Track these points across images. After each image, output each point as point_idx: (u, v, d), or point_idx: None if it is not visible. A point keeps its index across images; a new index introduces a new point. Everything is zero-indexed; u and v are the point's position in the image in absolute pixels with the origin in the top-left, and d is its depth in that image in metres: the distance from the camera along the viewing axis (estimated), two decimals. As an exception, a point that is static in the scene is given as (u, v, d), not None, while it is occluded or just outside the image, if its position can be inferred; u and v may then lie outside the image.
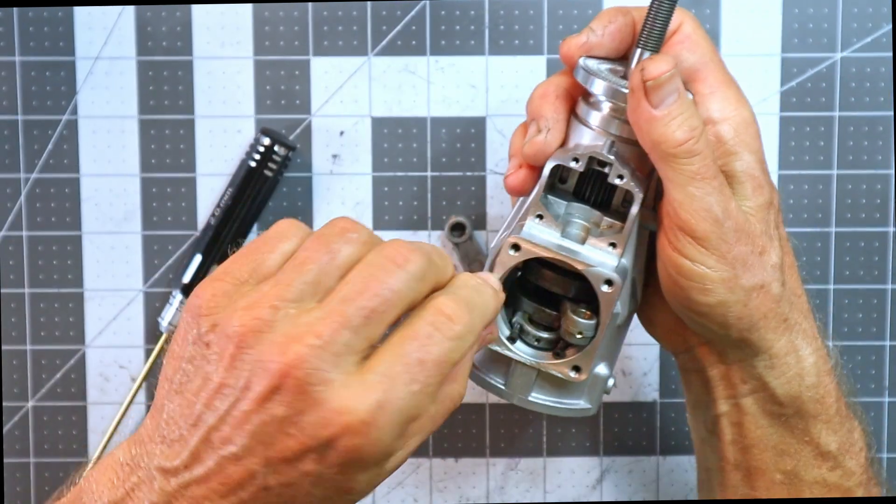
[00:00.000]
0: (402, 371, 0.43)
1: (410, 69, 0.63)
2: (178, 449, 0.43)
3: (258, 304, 0.42)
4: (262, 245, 0.45)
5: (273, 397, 0.42)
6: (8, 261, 0.64)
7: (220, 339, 0.43)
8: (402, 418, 0.43)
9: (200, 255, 0.62)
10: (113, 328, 0.64)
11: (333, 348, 0.42)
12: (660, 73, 0.46)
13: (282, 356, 0.41)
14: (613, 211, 0.51)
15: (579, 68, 0.50)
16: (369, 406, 0.42)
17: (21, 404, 0.64)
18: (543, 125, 0.51)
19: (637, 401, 0.65)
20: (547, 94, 0.51)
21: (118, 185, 0.63)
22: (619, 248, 0.49)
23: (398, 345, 0.43)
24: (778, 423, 0.52)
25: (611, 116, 0.50)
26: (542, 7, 0.63)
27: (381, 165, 0.63)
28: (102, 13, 0.63)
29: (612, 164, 0.49)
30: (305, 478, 0.43)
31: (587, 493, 0.65)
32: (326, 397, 0.42)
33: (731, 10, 0.63)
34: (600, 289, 0.48)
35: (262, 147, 0.61)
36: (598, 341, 0.49)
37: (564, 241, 0.49)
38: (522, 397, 0.51)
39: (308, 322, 0.42)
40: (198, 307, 0.43)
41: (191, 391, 0.43)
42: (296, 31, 0.63)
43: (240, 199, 0.62)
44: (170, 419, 0.43)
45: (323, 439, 0.42)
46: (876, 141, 0.63)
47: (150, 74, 0.63)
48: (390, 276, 0.43)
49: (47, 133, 0.63)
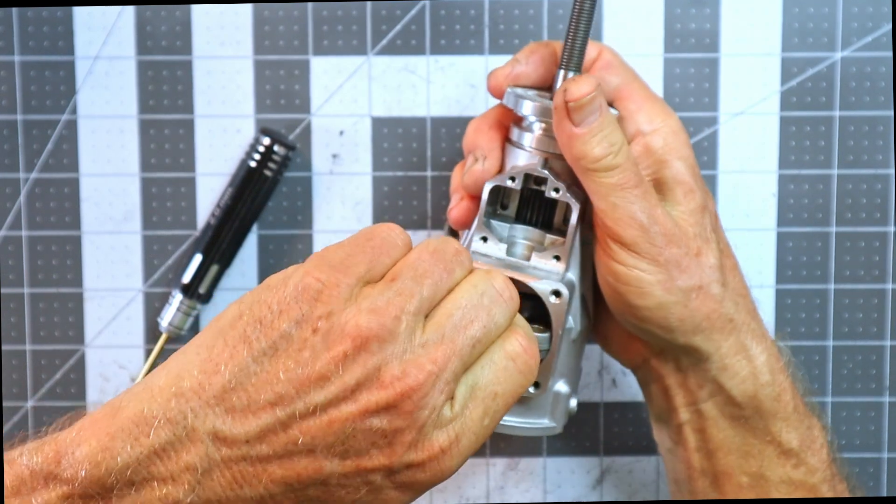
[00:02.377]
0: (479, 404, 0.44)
1: (410, 69, 0.63)
2: (243, 420, 0.41)
3: (384, 312, 0.42)
4: (378, 246, 0.45)
5: (382, 413, 0.42)
6: (8, 261, 0.64)
7: (335, 332, 0.42)
8: (470, 451, 0.44)
9: (200, 255, 0.62)
10: (113, 328, 0.64)
11: (445, 376, 0.42)
12: (581, 95, 0.49)
13: (403, 377, 0.42)
14: (555, 229, 0.53)
15: (508, 94, 0.53)
16: (448, 437, 0.43)
17: (21, 404, 0.64)
18: (479, 154, 0.54)
19: (637, 401, 0.65)
20: (480, 127, 0.55)
21: (118, 185, 0.63)
22: (563, 260, 0.51)
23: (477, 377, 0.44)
24: (738, 424, 0.53)
25: (542, 136, 0.52)
26: (542, 7, 0.63)
27: (381, 165, 0.63)
28: (102, 13, 0.63)
29: (547, 178, 0.51)
30: (365, 486, 0.43)
31: (587, 492, 0.65)
32: (426, 423, 0.42)
33: (731, 10, 0.63)
34: (549, 300, 0.50)
35: (262, 147, 0.61)
36: (552, 354, 0.50)
37: (509, 259, 0.51)
38: None
39: (423, 343, 0.43)
40: (317, 290, 0.42)
41: (279, 367, 0.41)
42: (296, 30, 0.63)
43: (240, 198, 0.62)
44: (239, 386, 0.41)
45: (405, 462, 0.43)
46: (876, 141, 0.63)
47: (150, 74, 0.63)
48: (497, 308, 0.44)
49: (47, 133, 0.63)
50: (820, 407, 0.55)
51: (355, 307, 0.42)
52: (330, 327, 0.42)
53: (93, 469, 0.39)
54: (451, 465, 0.44)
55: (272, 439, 0.41)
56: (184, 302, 0.62)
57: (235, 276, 0.64)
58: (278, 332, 0.42)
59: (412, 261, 0.44)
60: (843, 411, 0.64)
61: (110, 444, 0.40)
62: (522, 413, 0.53)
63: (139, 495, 0.40)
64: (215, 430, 0.40)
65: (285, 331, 0.42)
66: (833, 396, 0.65)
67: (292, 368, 0.41)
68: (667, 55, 0.63)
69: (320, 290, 0.42)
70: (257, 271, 0.64)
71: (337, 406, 0.41)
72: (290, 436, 0.41)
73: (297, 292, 0.42)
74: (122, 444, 0.40)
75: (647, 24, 0.63)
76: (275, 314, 0.42)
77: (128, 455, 0.39)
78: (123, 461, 0.39)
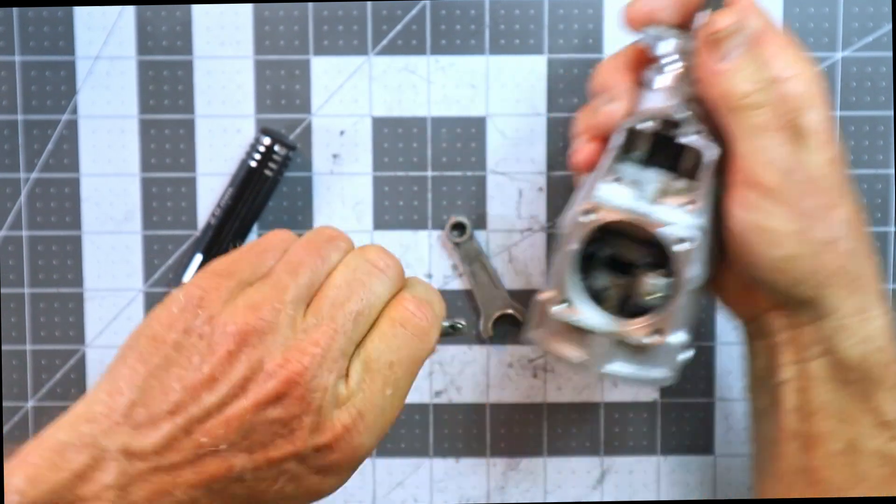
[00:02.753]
0: (376, 377, 0.44)
1: (410, 69, 0.63)
2: (148, 432, 0.42)
3: (261, 306, 0.43)
4: (259, 248, 0.46)
5: (275, 402, 0.42)
6: (8, 261, 0.64)
7: (217, 334, 0.43)
8: (379, 423, 0.44)
9: (201, 255, 0.62)
10: (113, 328, 0.64)
11: (331, 354, 0.43)
12: (725, 25, 0.47)
13: (287, 364, 0.42)
14: (682, 174, 0.51)
15: (646, 33, 0.51)
16: (351, 415, 0.43)
17: (21, 404, 0.64)
18: (612, 95, 0.52)
19: (637, 401, 0.65)
20: (612, 67, 0.53)
21: (118, 185, 0.63)
22: (695, 207, 0.49)
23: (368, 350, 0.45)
24: (842, 388, 0.51)
25: (678, 78, 0.50)
26: (542, 7, 0.63)
27: (381, 165, 0.63)
28: (102, 13, 0.63)
29: (683, 122, 0.50)
30: (282, 475, 0.43)
31: (587, 492, 0.65)
32: (321, 405, 0.43)
33: (731, 9, 0.63)
34: (673, 247, 0.49)
35: (263, 147, 0.61)
36: (675, 301, 0.49)
37: (638, 204, 0.50)
38: (601, 369, 0.51)
39: (305, 329, 0.43)
40: (198, 298, 0.43)
41: (172, 378, 0.42)
42: (296, 30, 0.63)
43: (240, 198, 0.62)
44: (139, 401, 0.42)
45: (311, 446, 0.43)
46: (876, 141, 0.63)
47: (151, 74, 0.63)
48: (373, 280, 0.45)
49: (47, 133, 0.63)
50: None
51: (233, 307, 0.43)
52: (212, 330, 0.43)
53: (21, 498, 0.41)
54: (362, 441, 0.44)
55: (178, 446, 0.42)
56: (184, 302, 0.62)
57: (236, 276, 0.64)
58: (169, 345, 0.43)
59: (287, 255, 0.45)
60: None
61: (34, 473, 0.41)
62: (638, 362, 0.51)
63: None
64: (125, 446, 0.42)
65: (175, 341, 0.43)
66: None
67: (185, 376, 0.42)
68: (667, 55, 0.63)
69: (202, 296, 0.43)
70: (258, 271, 0.64)
71: (230, 404, 0.42)
72: (193, 440, 0.42)
73: (182, 303, 0.44)
74: (45, 472, 0.41)
75: (648, 24, 0.63)
76: (165, 328, 0.43)
77: (52, 481, 0.41)
78: (48, 487, 0.41)
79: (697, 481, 0.65)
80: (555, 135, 0.63)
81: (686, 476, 0.65)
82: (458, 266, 0.64)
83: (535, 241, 0.64)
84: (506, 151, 0.63)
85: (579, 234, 0.50)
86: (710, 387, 0.65)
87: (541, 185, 0.63)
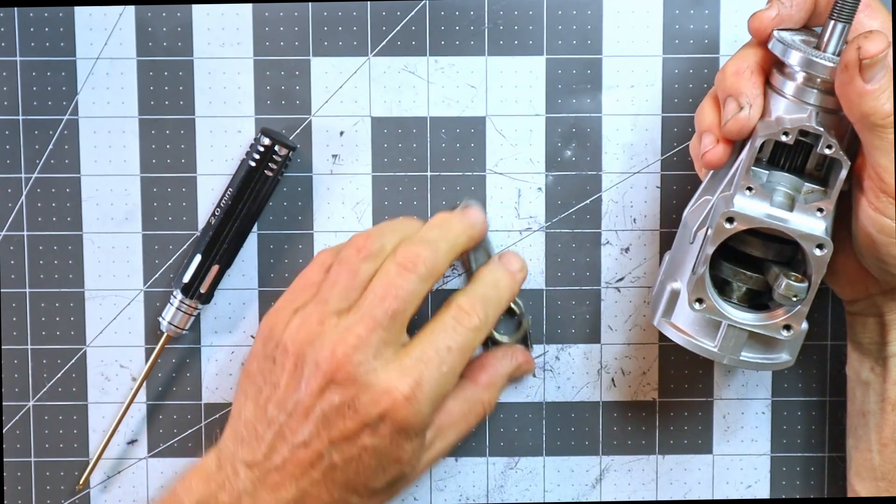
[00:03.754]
0: (433, 356, 0.54)
1: (410, 69, 0.63)
2: (256, 445, 0.55)
3: (307, 321, 0.55)
4: (304, 279, 0.58)
5: (329, 388, 0.53)
6: (8, 261, 0.64)
7: (283, 354, 0.55)
8: (435, 394, 0.54)
9: (200, 255, 0.62)
10: (113, 328, 0.64)
11: (372, 343, 0.54)
12: (877, 52, 0.50)
13: (332, 356, 0.53)
14: (807, 175, 0.54)
15: (775, 41, 0.53)
16: (409, 384, 0.53)
17: (21, 404, 0.64)
18: (744, 101, 0.53)
19: (637, 400, 0.65)
20: (740, 70, 0.54)
21: (118, 185, 0.64)
22: (827, 213, 0.53)
23: (429, 335, 0.55)
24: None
25: (806, 86, 0.53)
26: (542, 7, 0.63)
27: (381, 165, 0.64)
28: (103, 13, 0.63)
29: (821, 134, 0.52)
30: (363, 451, 0.54)
31: (587, 492, 0.65)
32: (373, 381, 0.53)
33: (730, 10, 0.63)
34: (813, 252, 0.52)
35: (263, 147, 0.61)
36: (809, 301, 0.52)
37: (774, 210, 0.52)
38: (733, 357, 0.55)
39: (347, 326, 0.54)
40: (268, 331, 0.56)
41: (263, 398, 0.55)
42: (296, 31, 0.63)
43: (240, 199, 0.62)
44: (247, 423, 0.55)
45: (375, 415, 0.53)
46: (875, 141, 0.63)
47: (151, 75, 0.63)
48: (404, 280, 0.55)
49: (48, 133, 0.63)
50: None
51: (290, 329, 0.56)
52: (280, 353, 0.55)
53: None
54: (421, 407, 0.54)
55: (278, 449, 0.54)
56: (184, 302, 0.62)
57: (236, 276, 0.64)
58: (258, 375, 0.56)
59: (328, 276, 0.57)
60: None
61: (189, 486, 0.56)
62: (764, 350, 0.55)
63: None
64: (244, 459, 0.55)
65: (260, 369, 0.56)
66: (830, 396, 0.65)
67: (272, 395, 0.55)
68: (666, 56, 0.63)
69: (270, 329, 0.56)
70: (257, 271, 0.64)
71: (302, 402, 0.54)
72: (287, 441, 0.54)
73: (259, 341, 0.57)
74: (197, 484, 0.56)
75: (647, 25, 0.63)
76: (252, 363, 0.57)
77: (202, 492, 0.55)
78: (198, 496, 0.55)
79: (696, 481, 0.65)
80: (553, 135, 0.63)
81: (685, 475, 0.65)
82: (457, 266, 0.64)
83: (534, 241, 0.64)
84: (505, 151, 0.63)
85: (719, 241, 0.53)
86: (708, 386, 0.65)
87: (540, 185, 0.64)
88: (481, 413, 0.60)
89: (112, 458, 0.64)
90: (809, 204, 0.53)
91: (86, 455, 0.64)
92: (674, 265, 0.57)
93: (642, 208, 0.64)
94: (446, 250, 0.57)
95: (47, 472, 0.64)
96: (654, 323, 0.57)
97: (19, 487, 0.64)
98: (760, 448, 0.65)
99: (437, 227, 0.59)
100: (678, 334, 0.56)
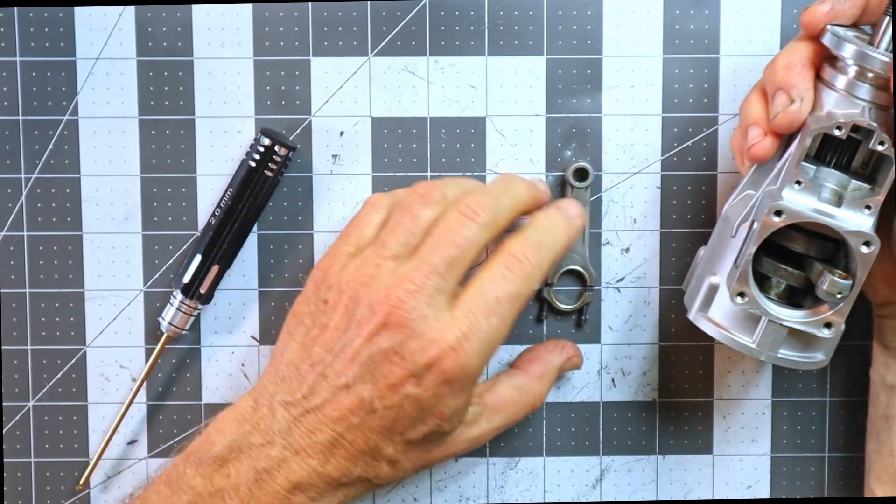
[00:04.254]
0: (482, 307, 0.53)
1: (410, 69, 0.63)
2: (296, 385, 0.54)
3: (364, 264, 0.54)
4: (360, 222, 0.57)
5: (380, 332, 0.52)
6: (8, 261, 0.64)
7: (336, 295, 0.54)
8: (484, 346, 0.53)
9: (200, 256, 0.62)
10: (113, 328, 0.64)
11: (427, 290, 0.52)
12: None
13: (387, 299, 0.52)
14: (852, 172, 0.54)
15: (828, 34, 0.52)
16: (457, 335, 0.52)
17: (21, 404, 0.64)
18: (795, 95, 0.53)
19: (636, 400, 0.65)
20: (791, 63, 0.53)
21: (118, 186, 0.64)
22: (874, 210, 0.52)
23: (478, 286, 0.53)
24: None
25: (858, 80, 0.52)
26: (542, 7, 0.63)
27: (381, 165, 0.64)
28: (103, 13, 0.63)
29: (874, 130, 0.51)
30: (406, 400, 0.53)
31: (587, 492, 0.65)
32: (423, 329, 0.52)
33: (730, 10, 0.63)
34: (859, 249, 0.51)
35: (263, 147, 0.61)
36: (851, 300, 0.52)
37: (822, 206, 0.52)
38: (771, 354, 0.54)
39: (404, 272, 0.53)
40: (322, 274, 0.55)
41: (310, 338, 0.54)
42: (296, 31, 0.63)
43: (240, 199, 0.62)
44: (289, 363, 0.54)
45: (421, 364, 0.52)
46: (875, 141, 0.63)
47: (151, 75, 0.63)
48: (463, 228, 0.54)
49: (48, 133, 0.63)
50: None
51: (345, 272, 0.55)
52: (333, 294, 0.54)
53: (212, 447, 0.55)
54: (469, 360, 0.52)
55: (319, 389, 0.53)
56: (184, 302, 0.62)
57: (236, 277, 0.64)
58: (305, 315, 0.55)
59: (388, 221, 0.56)
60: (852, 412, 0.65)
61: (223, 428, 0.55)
62: (801, 348, 0.55)
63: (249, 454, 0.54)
64: (282, 399, 0.54)
65: (310, 311, 0.55)
66: (830, 397, 0.65)
67: (319, 335, 0.54)
68: (666, 56, 0.63)
69: (325, 272, 0.55)
70: (257, 271, 0.64)
71: (350, 344, 0.53)
72: (329, 382, 0.53)
73: (311, 283, 0.56)
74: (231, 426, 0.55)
75: (647, 25, 0.63)
76: (302, 305, 0.56)
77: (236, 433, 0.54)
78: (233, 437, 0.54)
79: (696, 481, 0.65)
80: (553, 135, 0.63)
81: (684, 475, 0.65)
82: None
83: (534, 242, 0.64)
84: (505, 152, 0.63)
85: (766, 234, 0.52)
86: (708, 386, 0.65)
87: (540, 186, 0.64)
88: (531, 403, 0.60)
89: (112, 458, 0.64)
90: (857, 200, 0.52)
91: (86, 455, 0.64)
92: (713, 259, 0.56)
93: (642, 208, 0.64)
94: (508, 205, 0.56)
95: (47, 473, 0.64)
96: (690, 317, 0.56)
97: (19, 487, 0.64)
98: (760, 448, 0.65)
99: (501, 182, 0.58)
100: (715, 328, 0.55)
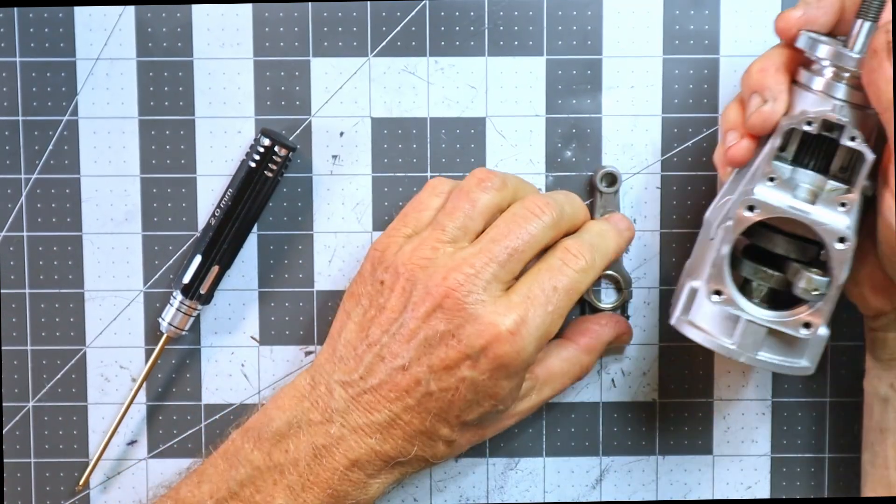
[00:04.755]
0: (539, 294, 0.54)
1: (410, 70, 0.63)
2: (354, 365, 0.55)
3: (422, 246, 0.55)
4: (419, 204, 0.58)
5: (435, 314, 0.53)
6: (8, 261, 0.64)
7: (392, 277, 0.55)
8: (540, 332, 0.54)
9: (200, 256, 0.62)
10: (113, 328, 0.64)
11: (484, 276, 0.53)
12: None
13: (444, 281, 0.53)
14: (831, 175, 0.53)
15: (803, 36, 0.53)
16: (514, 320, 0.53)
17: (21, 404, 0.64)
18: (769, 95, 0.53)
19: (636, 401, 0.65)
20: (766, 67, 0.54)
21: (118, 186, 0.64)
22: (849, 209, 0.52)
23: (535, 275, 0.54)
24: None
25: (834, 81, 0.52)
26: (542, 8, 0.63)
27: (381, 166, 0.64)
28: (103, 14, 0.63)
29: (844, 125, 0.51)
30: (461, 383, 0.53)
31: (587, 492, 0.65)
32: (480, 313, 0.53)
33: (730, 10, 0.63)
34: (834, 246, 0.51)
35: (262, 148, 0.61)
36: (830, 298, 0.52)
37: (796, 202, 0.52)
38: (751, 356, 0.53)
39: (463, 256, 0.54)
40: (379, 254, 0.56)
41: (367, 319, 0.55)
42: (296, 31, 0.63)
43: (240, 199, 0.62)
44: (347, 343, 0.55)
45: (477, 348, 0.53)
46: (875, 141, 0.63)
47: (151, 75, 0.63)
48: (529, 223, 0.55)
49: (48, 134, 0.63)
50: None
51: (402, 253, 0.55)
52: (390, 275, 0.55)
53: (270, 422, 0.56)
54: (524, 345, 0.53)
55: (376, 370, 0.54)
56: (184, 303, 0.62)
57: (236, 277, 0.64)
58: (362, 295, 0.56)
59: (447, 203, 0.57)
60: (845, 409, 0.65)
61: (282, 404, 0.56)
62: (784, 352, 0.54)
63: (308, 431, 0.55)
64: (340, 379, 0.55)
65: (367, 292, 0.56)
66: (830, 397, 0.65)
67: (376, 316, 0.55)
68: (666, 56, 0.63)
69: (382, 252, 0.56)
70: (257, 272, 0.64)
71: (406, 325, 0.54)
72: (385, 363, 0.54)
73: (368, 263, 0.57)
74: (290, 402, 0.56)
75: (647, 25, 0.63)
76: (359, 285, 0.56)
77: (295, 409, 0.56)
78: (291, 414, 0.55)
79: (696, 481, 0.65)
80: (553, 135, 0.63)
81: (684, 476, 0.65)
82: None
83: (534, 242, 0.64)
84: (505, 152, 0.63)
85: (740, 230, 0.52)
86: (708, 387, 0.65)
87: (540, 186, 0.63)
88: (578, 374, 0.60)
89: (112, 458, 0.64)
90: (832, 199, 0.52)
91: (86, 456, 0.64)
92: (694, 264, 0.56)
93: (642, 208, 0.64)
94: (570, 213, 0.57)
95: (47, 473, 0.64)
96: (672, 322, 0.56)
97: (19, 488, 0.64)
98: (760, 448, 0.65)
99: (562, 193, 0.60)
100: (696, 332, 0.54)
